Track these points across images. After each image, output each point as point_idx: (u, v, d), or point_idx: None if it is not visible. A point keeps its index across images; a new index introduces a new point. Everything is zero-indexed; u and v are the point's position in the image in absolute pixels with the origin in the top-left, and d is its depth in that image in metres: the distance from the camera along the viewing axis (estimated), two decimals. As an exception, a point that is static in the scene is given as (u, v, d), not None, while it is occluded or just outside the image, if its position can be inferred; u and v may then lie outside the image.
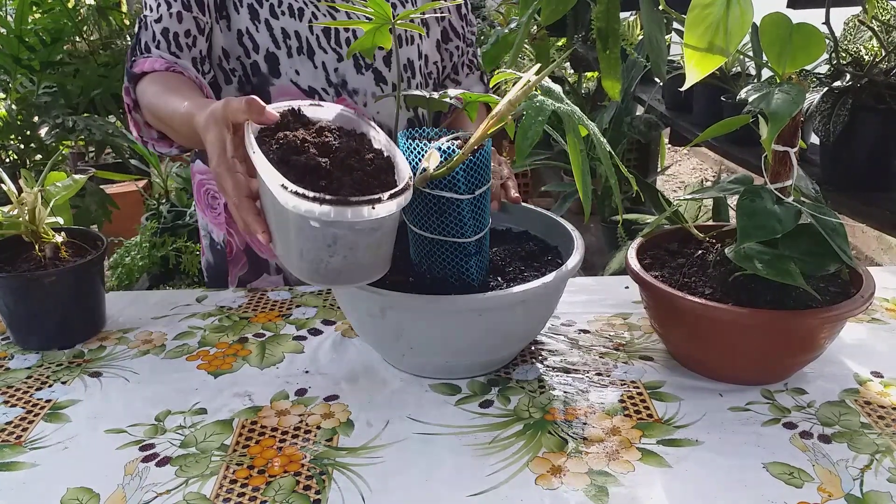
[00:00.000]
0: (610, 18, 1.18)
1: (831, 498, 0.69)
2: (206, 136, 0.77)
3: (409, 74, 1.17)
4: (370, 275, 0.76)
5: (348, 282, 0.75)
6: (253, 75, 1.10)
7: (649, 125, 2.58)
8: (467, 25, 1.28)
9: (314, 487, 0.72)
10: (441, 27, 1.25)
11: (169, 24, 1.05)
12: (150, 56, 1.05)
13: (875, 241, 3.22)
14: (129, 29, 2.27)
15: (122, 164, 2.65)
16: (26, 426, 0.82)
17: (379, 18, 0.86)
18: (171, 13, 1.05)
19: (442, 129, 0.87)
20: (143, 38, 1.07)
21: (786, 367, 0.87)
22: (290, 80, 1.10)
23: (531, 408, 0.84)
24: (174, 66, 1.04)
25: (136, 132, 1.09)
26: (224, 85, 1.13)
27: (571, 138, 0.71)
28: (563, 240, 0.97)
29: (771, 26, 0.78)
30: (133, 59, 1.07)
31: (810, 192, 0.92)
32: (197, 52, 1.08)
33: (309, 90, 1.11)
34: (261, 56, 1.09)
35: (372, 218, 0.68)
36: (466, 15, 1.28)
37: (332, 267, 0.72)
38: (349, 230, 0.70)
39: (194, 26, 1.06)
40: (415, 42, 1.18)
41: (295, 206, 0.67)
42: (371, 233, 0.72)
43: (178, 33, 1.05)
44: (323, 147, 0.74)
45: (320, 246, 0.71)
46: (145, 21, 1.07)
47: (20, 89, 1.80)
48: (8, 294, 0.95)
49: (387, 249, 0.76)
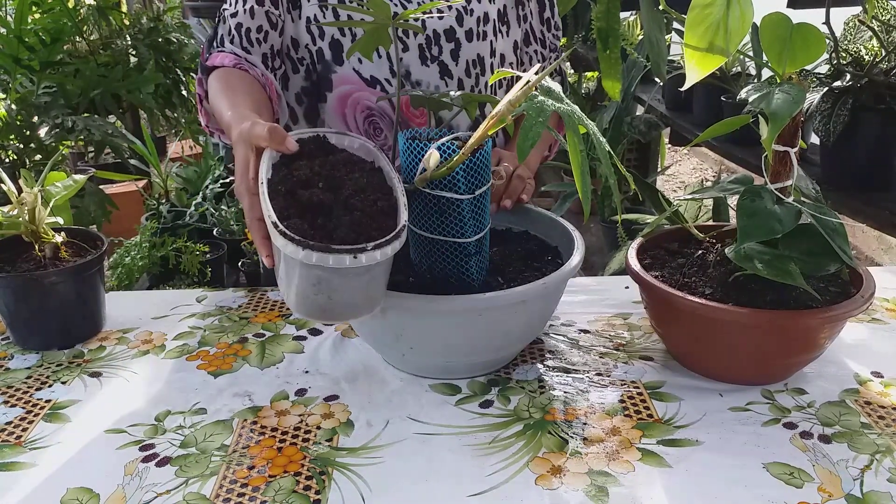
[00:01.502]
0: (610, 18, 1.19)
1: (831, 498, 0.69)
2: (235, 152, 0.81)
3: (477, 71, 1.14)
4: (357, 313, 0.77)
5: (333, 319, 0.77)
6: (318, 62, 1.11)
7: (649, 125, 2.58)
8: (550, 31, 1.25)
9: (314, 487, 0.72)
10: (523, 29, 1.22)
11: (243, 19, 1.08)
12: (223, 50, 1.08)
13: (875, 241, 3.22)
14: (129, 29, 2.26)
15: (122, 165, 2.65)
16: (26, 426, 0.82)
17: (379, 18, 0.86)
18: (246, 8, 1.07)
19: (442, 130, 0.87)
20: (220, 32, 1.10)
21: (786, 367, 0.87)
22: (353, 68, 1.10)
23: (531, 408, 0.84)
24: (242, 62, 1.06)
25: (205, 121, 1.12)
26: (292, 74, 1.14)
27: (571, 138, 0.71)
28: (563, 240, 0.97)
29: (771, 26, 0.78)
30: (209, 52, 1.10)
31: (810, 192, 0.92)
32: (268, 47, 1.10)
33: (371, 80, 1.10)
34: (326, 43, 1.09)
35: (353, 266, 0.69)
36: (550, 19, 1.24)
37: (318, 304, 0.74)
38: (333, 274, 0.71)
39: (266, 21, 1.08)
40: (487, 38, 1.14)
41: (283, 245, 0.69)
42: (355, 277, 0.72)
43: (251, 28, 1.08)
44: (331, 181, 0.76)
45: (306, 283, 0.72)
46: (223, 15, 1.10)
47: (20, 89, 1.80)
48: (8, 294, 0.95)
49: (376, 288, 0.77)
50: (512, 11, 1.18)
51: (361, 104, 1.11)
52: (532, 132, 0.68)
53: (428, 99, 0.92)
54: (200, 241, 2.36)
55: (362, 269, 0.71)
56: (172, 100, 2.26)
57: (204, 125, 1.13)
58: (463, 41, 1.11)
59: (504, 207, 1.00)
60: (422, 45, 1.10)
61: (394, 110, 1.12)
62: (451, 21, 1.10)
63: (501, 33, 1.17)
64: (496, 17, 1.15)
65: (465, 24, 1.11)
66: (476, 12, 1.12)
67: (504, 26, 1.18)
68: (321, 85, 1.11)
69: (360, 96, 1.11)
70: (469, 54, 1.12)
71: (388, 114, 1.12)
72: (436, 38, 1.10)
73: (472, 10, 1.11)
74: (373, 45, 0.88)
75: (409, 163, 0.83)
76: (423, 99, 0.92)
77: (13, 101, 1.80)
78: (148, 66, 2.16)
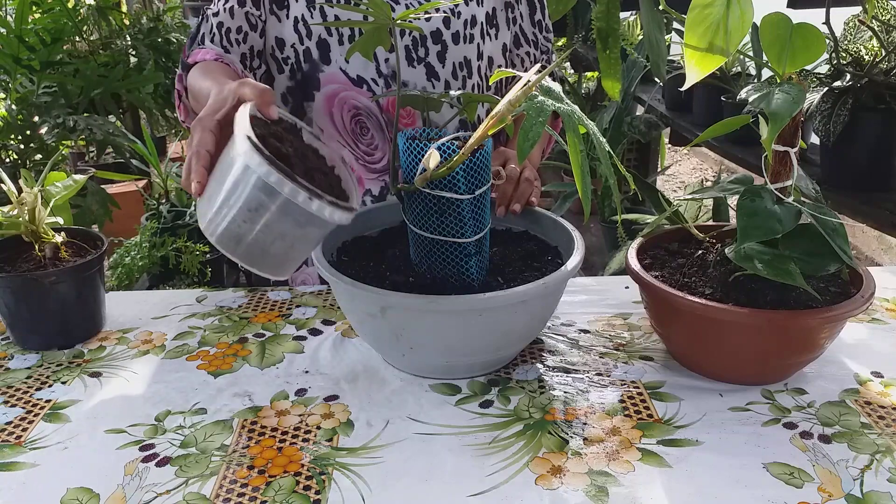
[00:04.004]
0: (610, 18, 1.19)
1: (831, 498, 0.69)
2: (212, 100, 0.82)
3: (464, 73, 1.15)
4: (263, 263, 0.75)
5: (241, 258, 0.74)
6: (304, 62, 1.11)
7: (649, 125, 2.58)
8: (541, 32, 1.25)
9: (314, 487, 0.72)
10: (512, 32, 1.22)
11: (224, 18, 1.10)
12: (204, 48, 1.11)
13: (875, 241, 3.22)
14: (129, 29, 2.26)
15: (123, 164, 2.65)
16: (26, 426, 0.82)
17: (379, 19, 0.86)
18: (226, 8, 1.10)
19: (442, 130, 0.87)
20: (202, 30, 1.13)
21: (786, 367, 0.87)
22: (340, 67, 1.10)
23: (531, 408, 0.84)
24: (222, 58, 1.09)
25: (183, 116, 1.14)
26: (276, 74, 1.15)
27: (571, 138, 0.71)
28: (563, 240, 0.97)
29: (771, 26, 0.78)
30: (190, 49, 1.12)
31: (810, 192, 0.92)
32: (247, 48, 1.12)
33: (357, 79, 1.11)
34: (313, 42, 1.10)
35: (303, 206, 0.69)
36: (541, 21, 1.24)
37: (238, 232, 0.73)
38: (277, 206, 0.70)
39: (246, 23, 1.10)
40: (474, 41, 1.14)
41: (245, 153, 0.68)
42: (292, 222, 0.72)
43: (231, 29, 1.10)
44: (299, 154, 0.77)
45: (242, 207, 0.71)
46: (206, 14, 1.12)
47: (20, 89, 1.80)
48: (8, 294, 0.95)
49: (297, 252, 0.76)
50: (501, 14, 1.19)
51: (349, 104, 1.12)
52: (532, 132, 0.68)
53: (426, 99, 0.92)
54: (200, 240, 2.36)
55: (304, 217, 0.71)
56: (172, 100, 2.26)
57: (182, 120, 1.15)
58: (450, 43, 1.11)
59: (514, 212, 1.00)
60: (408, 46, 1.10)
61: (381, 111, 1.12)
62: (437, 23, 1.10)
63: (489, 36, 1.17)
64: (484, 19, 1.15)
65: (452, 27, 1.11)
66: (464, 15, 1.12)
67: (493, 29, 1.18)
68: (308, 84, 1.12)
69: (346, 96, 1.11)
70: (455, 56, 1.13)
71: (375, 114, 1.12)
72: (422, 40, 1.10)
73: (459, 12, 1.11)
74: (372, 45, 0.88)
75: (409, 163, 0.83)
76: (421, 99, 0.93)
77: (13, 100, 1.80)
78: (148, 66, 2.16)
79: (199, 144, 0.76)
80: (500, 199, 1.01)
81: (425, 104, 0.94)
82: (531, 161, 1.10)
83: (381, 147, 1.15)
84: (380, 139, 1.14)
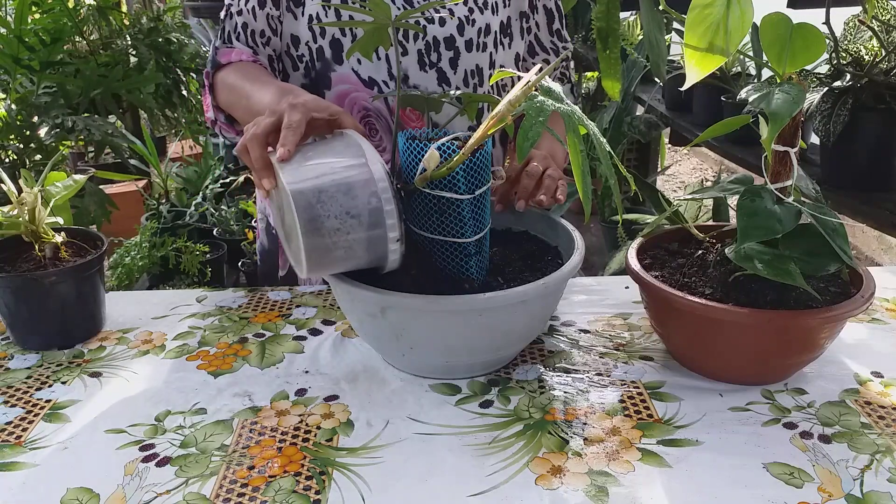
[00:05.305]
0: (610, 18, 1.19)
1: (831, 498, 0.69)
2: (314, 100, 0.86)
3: (475, 81, 1.14)
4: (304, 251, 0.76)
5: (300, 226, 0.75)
6: (318, 60, 1.12)
7: (649, 125, 2.58)
8: (560, 41, 1.25)
9: (314, 487, 0.72)
10: (526, 41, 1.22)
11: (248, 19, 1.10)
12: (234, 48, 1.11)
13: (875, 241, 3.22)
14: (129, 29, 2.26)
15: (122, 165, 2.65)
16: (26, 426, 0.82)
17: (379, 19, 0.86)
18: (248, 8, 1.10)
19: (443, 130, 0.87)
20: (227, 28, 1.12)
21: (786, 367, 0.87)
22: (352, 68, 1.10)
23: (531, 408, 0.84)
24: (259, 59, 1.10)
25: (208, 112, 1.13)
26: (291, 72, 1.15)
27: (571, 138, 0.71)
28: (563, 240, 0.97)
29: (771, 26, 0.78)
30: (218, 47, 1.12)
31: (810, 192, 0.92)
32: (271, 50, 1.13)
33: (369, 80, 1.10)
34: (326, 41, 1.10)
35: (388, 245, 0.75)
36: (559, 30, 1.24)
37: (321, 215, 0.74)
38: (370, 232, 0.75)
39: (267, 26, 1.11)
40: (487, 49, 1.14)
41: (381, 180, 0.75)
42: (364, 248, 0.76)
43: (255, 31, 1.11)
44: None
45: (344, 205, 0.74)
46: (229, 11, 1.12)
47: (20, 89, 1.80)
48: (8, 294, 0.95)
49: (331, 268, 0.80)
50: (516, 24, 1.18)
51: (359, 104, 1.12)
52: (532, 132, 0.68)
53: (426, 99, 0.92)
54: (200, 241, 2.36)
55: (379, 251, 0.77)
56: (172, 100, 2.26)
57: (207, 117, 1.14)
58: (462, 50, 1.11)
59: (539, 203, 0.98)
60: (421, 50, 1.10)
61: (390, 113, 1.12)
62: (451, 29, 1.10)
63: (503, 45, 1.17)
64: (498, 28, 1.15)
65: (466, 34, 1.11)
66: (478, 23, 1.12)
67: (506, 38, 1.17)
68: (320, 83, 1.12)
69: (357, 96, 1.11)
70: (468, 64, 1.13)
71: (385, 115, 1.12)
72: (435, 45, 1.10)
73: (473, 20, 1.11)
74: (372, 45, 0.88)
75: (409, 163, 0.83)
76: (422, 99, 0.92)
77: (13, 101, 1.80)
78: (148, 66, 2.16)
79: (297, 124, 0.80)
80: (521, 193, 1.00)
81: (426, 104, 0.93)
82: (556, 160, 1.09)
83: (389, 149, 1.15)
84: (388, 141, 1.14)
